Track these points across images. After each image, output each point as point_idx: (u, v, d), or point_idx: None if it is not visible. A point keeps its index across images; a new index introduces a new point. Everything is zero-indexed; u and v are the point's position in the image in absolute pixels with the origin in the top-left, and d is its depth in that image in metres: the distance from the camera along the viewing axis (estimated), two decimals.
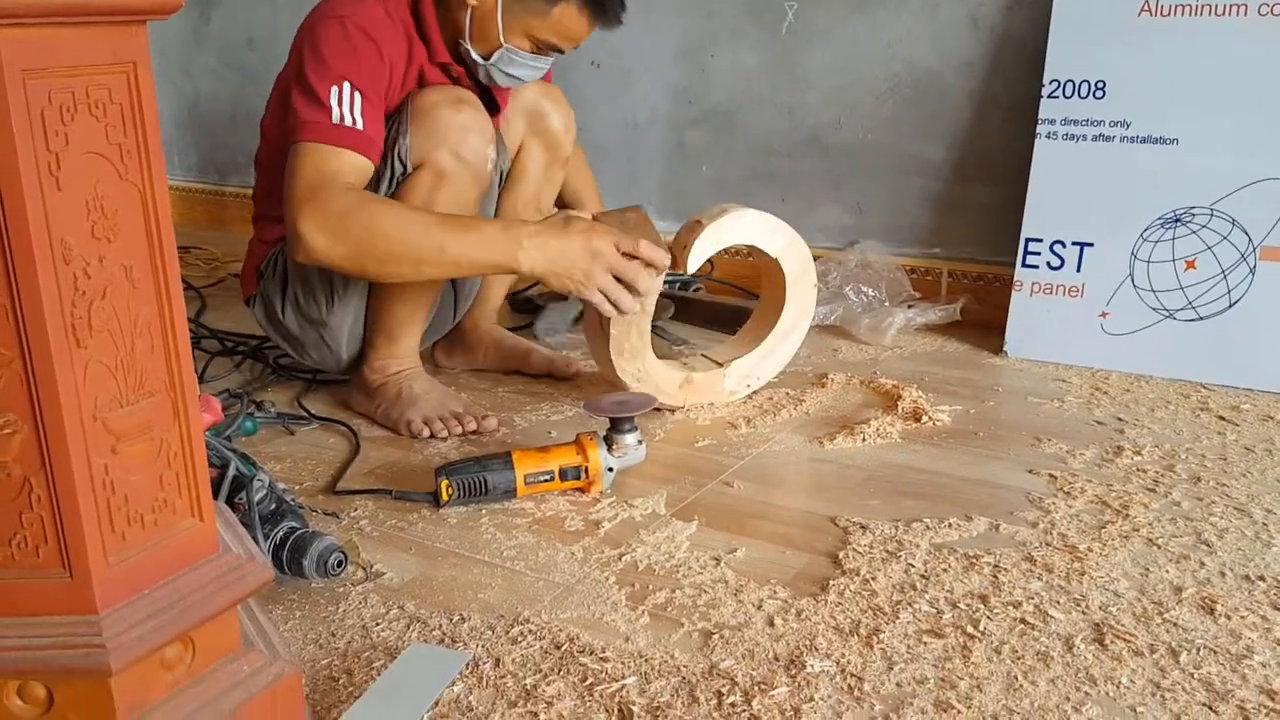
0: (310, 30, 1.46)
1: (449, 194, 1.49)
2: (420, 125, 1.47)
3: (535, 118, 1.71)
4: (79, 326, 0.65)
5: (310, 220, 1.36)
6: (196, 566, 0.75)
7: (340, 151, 1.40)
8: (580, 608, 1.08)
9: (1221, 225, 1.74)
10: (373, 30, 1.43)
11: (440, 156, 1.47)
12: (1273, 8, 1.70)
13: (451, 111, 1.48)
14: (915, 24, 2.07)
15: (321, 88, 1.40)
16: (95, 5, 0.61)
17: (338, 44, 1.42)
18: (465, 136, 1.48)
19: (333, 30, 1.43)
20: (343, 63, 1.41)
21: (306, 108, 1.40)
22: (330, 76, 1.40)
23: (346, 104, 1.39)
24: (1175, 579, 1.12)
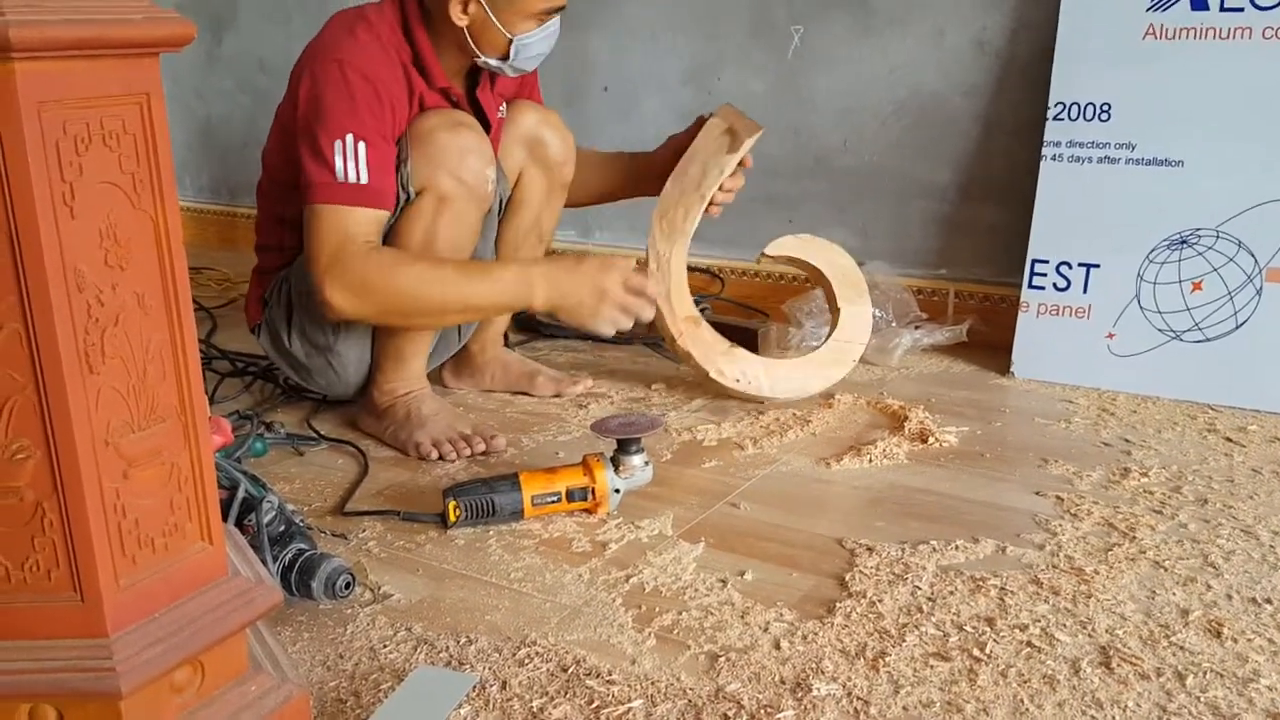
0: (308, 75, 1.47)
1: (451, 217, 1.51)
2: (420, 150, 1.49)
3: (535, 145, 1.72)
4: (92, 353, 0.66)
5: (334, 286, 1.43)
6: (206, 590, 0.76)
7: (351, 210, 1.43)
8: (587, 630, 1.09)
9: (1227, 247, 1.74)
10: (370, 71, 1.45)
11: (441, 180, 1.49)
12: (1277, 31, 1.71)
13: (450, 135, 1.50)
14: (920, 49, 2.08)
15: (325, 143, 1.42)
16: (110, 38, 0.62)
17: (337, 92, 1.44)
18: (465, 159, 1.50)
19: (331, 76, 1.44)
20: (343, 113, 1.43)
21: (314, 166, 1.43)
22: (333, 130, 1.43)
23: (351, 158, 1.42)
24: (1182, 602, 1.12)
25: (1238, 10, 1.73)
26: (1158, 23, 1.79)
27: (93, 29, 0.61)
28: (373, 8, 1.54)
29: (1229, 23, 1.74)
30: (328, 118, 1.43)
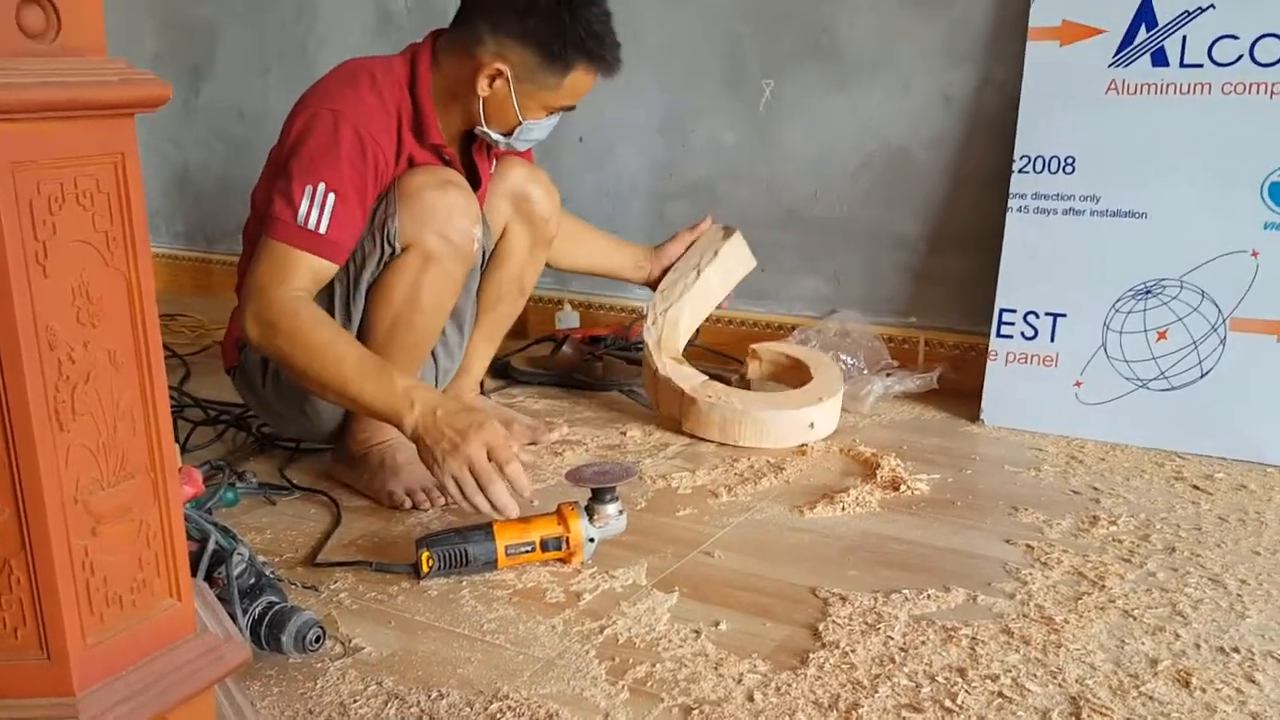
0: (302, 116, 1.48)
1: (436, 274, 1.52)
2: (408, 207, 1.50)
3: (521, 200, 1.74)
4: (62, 410, 0.66)
5: (250, 315, 1.43)
6: (174, 647, 0.75)
7: (298, 253, 1.44)
8: (560, 683, 1.08)
9: (1191, 297, 1.77)
10: (363, 127, 1.47)
11: (427, 238, 1.50)
12: (1235, 86, 1.76)
13: (438, 194, 1.51)
14: (889, 102, 2.12)
15: (297, 184, 1.43)
16: (85, 100, 0.63)
17: (324, 141, 1.45)
18: (452, 218, 1.51)
19: (323, 123, 1.46)
20: (324, 162, 1.44)
21: (280, 202, 1.44)
22: (309, 175, 1.44)
23: (318, 205, 1.43)
24: (1151, 651, 1.13)
25: (1197, 66, 1.78)
26: (1119, 78, 1.83)
27: (68, 91, 0.62)
28: (382, 63, 1.55)
29: (1189, 78, 1.79)
30: (307, 161, 1.44)
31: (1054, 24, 1.88)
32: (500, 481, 1.37)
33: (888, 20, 2.09)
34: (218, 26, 2.99)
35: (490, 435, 1.38)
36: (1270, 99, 1.73)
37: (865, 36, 2.12)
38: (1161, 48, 1.80)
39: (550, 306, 2.55)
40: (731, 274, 2.02)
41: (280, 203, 1.44)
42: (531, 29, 1.50)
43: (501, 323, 1.84)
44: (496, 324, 1.84)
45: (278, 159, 1.51)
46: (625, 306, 2.48)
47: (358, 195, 1.47)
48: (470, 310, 1.74)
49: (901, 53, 2.09)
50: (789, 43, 2.19)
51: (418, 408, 1.39)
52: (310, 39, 2.82)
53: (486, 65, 1.52)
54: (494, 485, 1.37)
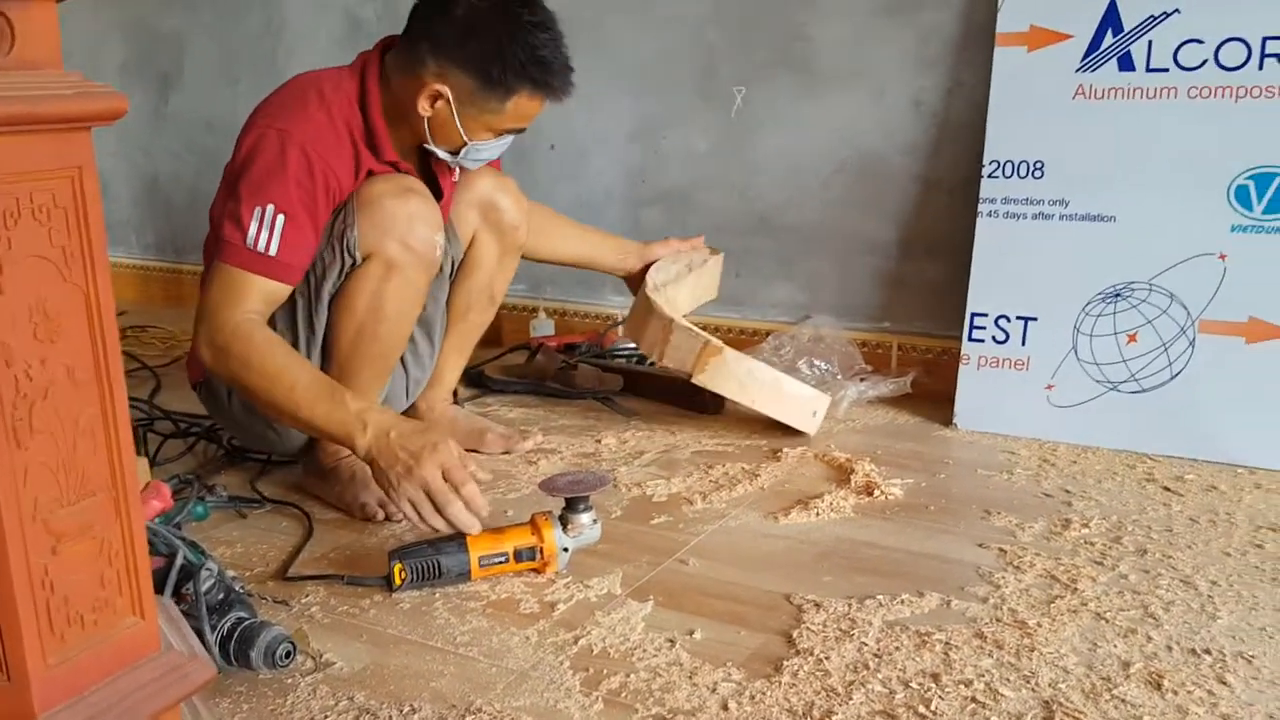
0: (251, 136, 1.46)
1: (399, 282, 1.50)
2: (367, 216, 1.48)
3: (488, 209, 1.73)
4: (20, 428, 0.65)
5: (203, 339, 1.43)
6: (138, 665, 0.74)
7: (249, 277, 1.42)
8: (533, 695, 1.08)
9: (1160, 300, 1.79)
10: (310, 147, 1.44)
11: (389, 246, 1.49)
12: (1201, 90, 1.77)
13: (398, 201, 1.49)
14: (860, 108, 2.13)
15: (246, 207, 1.42)
16: (41, 115, 0.62)
17: (271, 161, 1.43)
18: (413, 225, 1.50)
19: (269, 143, 1.44)
20: (273, 183, 1.42)
21: (229, 224, 1.43)
22: (257, 197, 1.42)
23: (267, 227, 1.42)
24: (1123, 654, 1.14)
25: (1163, 70, 1.80)
26: (1087, 83, 1.85)
27: (23, 105, 0.61)
28: (331, 78, 1.53)
29: (1155, 83, 1.81)
30: (256, 183, 1.43)
31: (1022, 29, 1.89)
32: (457, 501, 1.34)
33: (858, 27, 2.10)
34: (186, 37, 2.97)
35: (444, 456, 1.36)
36: (1235, 103, 1.75)
37: (836, 44, 2.13)
38: (1128, 52, 1.81)
39: (525, 314, 2.54)
40: (703, 293, 2.02)
41: (229, 226, 1.43)
42: (471, 53, 1.47)
43: (472, 332, 1.84)
44: (467, 333, 1.83)
45: (228, 178, 1.49)
46: (600, 314, 2.48)
47: (308, 214, 1.45)
48: (440, 320, 1.74)
49: (872, 59, 2.10)
50: (761, 50, 2.20)
51: (370, 430, 1.37)
52: (279, 49, 2.80)
53: (427, 86, 1.49)
54: (451, 506, 1.34)
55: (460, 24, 1.47)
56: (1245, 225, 1.74)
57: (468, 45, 1.47)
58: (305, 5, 2.74)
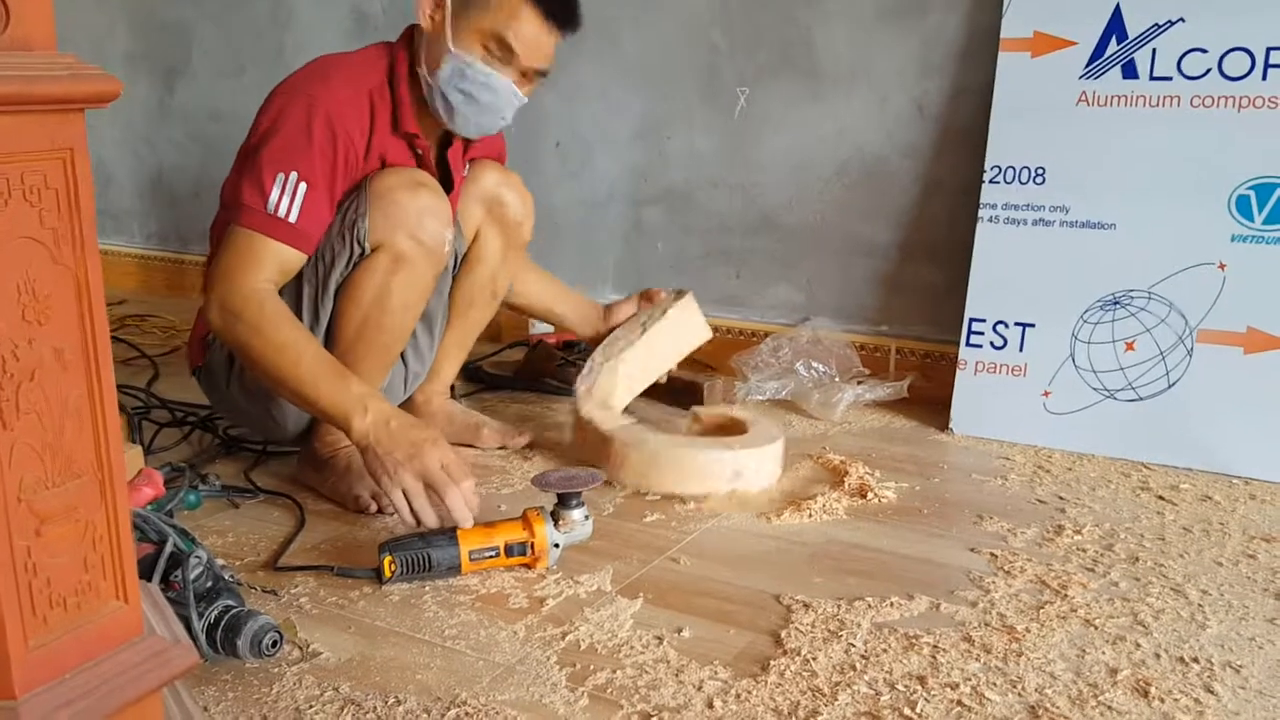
0: (275, 103, 1.47)
1: (406, 275, 1.50)
2: (378, 208, 1.48)
3: (494, 204, 1.73)
4: (6, 408, 0.65)
5: (215, 302, 1.42)
6: (120, 650, 0.74)
7: (268, 242, 1.42)
8: (519, 689, 1.08)
9: (1159, 308, 1.78)
10: (336, 117, 1.45)
11: (398, 239, 1.49)
12: (1204, 99, 1.77)
13: (409, 195, 1.49)
14: (863, 111, 2.13)
15: (268, 171, 1.42)
16: (32, 95, 0.62)
17: (296, 127, 1.43)
18: (423, 219, 1.50)
19: (296, 110, 1.44)
20: (296, 150, 1.43)
21: (248, 189, 1.42)
22: (279, 162, 1.42)
23: (289, 194, 1.41)
24: (1111, 661, 1.13)
25: (1166, 79, 1.79)
26: (1090, 90, 1.85)
27: (14, 85, 0.61)
28: (361, 55, 1.54)
29: (1158, 91, 1.80)
30: (278, 149, 1.43)
31: (1026, 35, 1.89)
32: (457, 491, 1.36)
33: (862, 31, 2.10)
34: (193, 28, 2.97)
35: (444, 452, 1.37)
36: (1238, 112, 1.75)
37: (840, 46, 2.13)
38: (1132, 60, 1.81)
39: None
40: (683, 340, 1.91)
41: (250, 190, 1.42)
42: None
43: (473, 328, 1.84)
44: (468, 329, 1.83)
45: (246, 149, 1.49)
46: None
47: (327, 186, 1.46)
48: (441, 314, 1.74)
49: (876, 63, 2.10)
50: (765, 52, 2.20)
51: (370, 415, 1.38)
52: (286, 40, 2.80)
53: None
54: (451, 492, 1.35)
55: None
56: (1245, 235, 1.74)
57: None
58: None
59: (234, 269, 1.41)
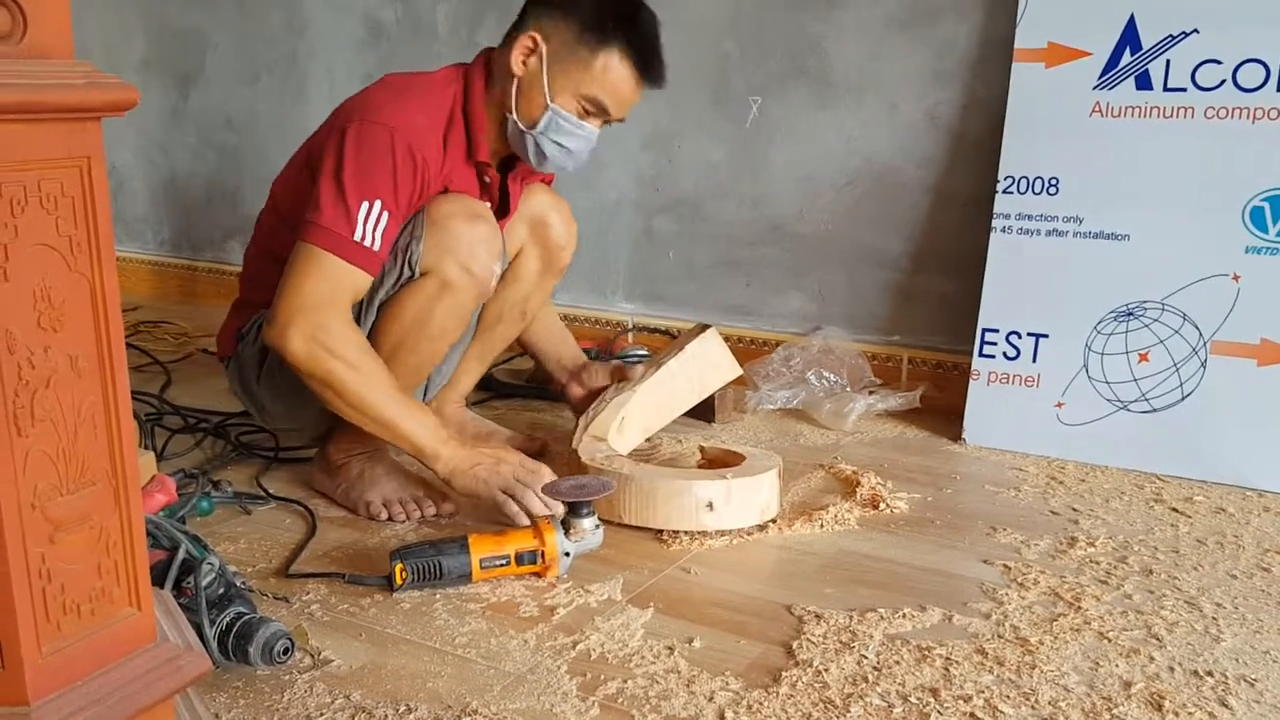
0: (354, 129, 1.44)
1: (450, 303, 1.51)
2: (434, 234, 1.48)
3: (539, 226, 1.73)
4: (21, 415, 0.65)
5: (299, 332, 1.41)
6: (133, 656, 0.74)
7: (353, 270, 1.42)
8: (530, 698, 1.07)
9: (1173, 319, 1.78)
10: (415, 146, 1.45)
11: (448, 267, 1.49)
12: (1218, 110, 1.76)
13: (466, 225, 1.50)
14: (875, 121, 2.13)
15: (354, 198, 1.41)
16: (50, 103, 0.63)
17: (381, 158, 1.43)
18: (475, 250, 1.50)
19: (379, 140, 1.43)
20: (381, 180, 1.43)
21: (333, 212, 1.41)
22: (366, 191, 1.42)
23: (373, 223, 1.42)
24: (1125, 674, 1.13)
25: (1180, 90, 1.79)
26: (1104, 100, 1.84)
27: (33, 94, 0.61)
28: (435, 80, 1.54)
29: (1172, 102, 1.80)
30: (365, 177, 1.43)
31: (1039, 46, 1.89)
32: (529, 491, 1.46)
33: (874, 40, 2.10)
34: (208, 35, 2.98)
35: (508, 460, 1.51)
36: (1252, 124, 1.74)
37: (852, 56, 2.13)
38: (1146, 71, 1.81)
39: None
40: (706, 376, 1.86)
41: (336, 216, 1.41)
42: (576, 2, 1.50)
43: (497, 343, 1.83)
44: (492, 343, 1.82)
45: (319, 163, 1.46)
46: (609, 320, 2.48)
47: (403, 214, 1.47)
48: (470, 327, 1.73)
49: (887, 73, 2.10)
50: (776, 62, 2.20)
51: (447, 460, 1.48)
52: (300, 48, 2.82)
53: (523, 39, 1.50)
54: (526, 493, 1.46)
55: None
56: (1260, 247, 1.73)
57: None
58: (327, 5, 2.75)
59: (323, 301, 1.41)
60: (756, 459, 1.60)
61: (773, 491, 1.54)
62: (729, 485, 1.49)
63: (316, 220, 1.42)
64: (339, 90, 2.76)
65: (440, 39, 2.56)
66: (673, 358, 1.83)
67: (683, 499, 1.49)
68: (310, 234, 1.42)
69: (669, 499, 1.50)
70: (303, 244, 1.42)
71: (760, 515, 1.52)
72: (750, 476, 1.51)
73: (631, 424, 1.77)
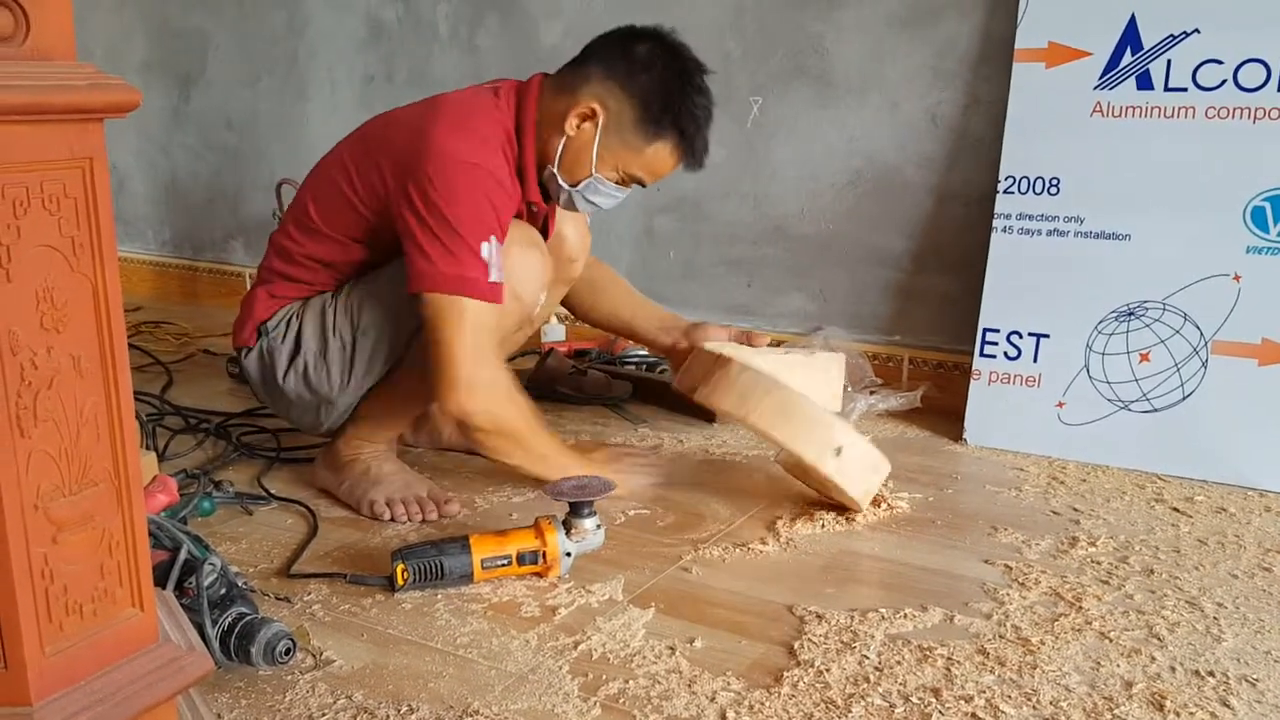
0: (441, 171, 1.42)
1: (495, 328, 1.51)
2: None
3: (553, 238, 1.73)
4: (24, 416, 0.65)
5: (479, 397, 1.45)
6: (135, 657, 0.75)
7: (495, 309, 1.44)
8: (531, 698, 1.08)
9: (1174, 319, 1.78)
10: (503, 178, 1.47)
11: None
12: (1219, 110, 1.76)
13: (524, 252, 1.51)
14: (876, 120, 2.13)
15: (474, 240, 1.41)
16: (52, 105, 0.63)
17: (482, 195, 1.43)
18: (527, 279, 1.52)
19: (473, 179, 1.43)
20: (490, 216, 1.44)
21: (458, 259, 1.40)
22: (482, 230, 1.42)
23: (496, 258, 1.43)
24: (1126, 674, 1.13)
25: (1181, 90, 1.79)
26: (1105, 100, 1.84)
27: (35, 95, 0.61)
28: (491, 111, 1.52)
29: (1173, 102, 1.80)
30: (477, 218, 1.42)
31: (1040, 46, 1.89)
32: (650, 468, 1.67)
33: (875, 40, 2.10)
34: (209, 35, 2.99)
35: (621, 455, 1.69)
36: (1253, 124, 1.74)
37: (853, 56, 2.13)
38: (1146, 71, 1.81)
39: None
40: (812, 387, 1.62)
41: (463, 262, 1.41)
42: (640, 84, 1.50)
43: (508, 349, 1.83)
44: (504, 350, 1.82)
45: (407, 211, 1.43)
46: None
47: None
48: None
49: (889, 72, 2.10)
50: (777, 61, 2.20)
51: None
52: (301, 48, 2.82)
53: (582, 103, 1.50)
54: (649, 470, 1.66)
55: (639, 60, 1.51)
56: (1261, 247, 1.73)
57: (638, 77, 1.50)
58: (327, 5, 2.76)
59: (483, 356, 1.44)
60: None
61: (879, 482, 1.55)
62: (864, 445, 1.49)
63: (445, 270, 1.41)
64: (340, 90, 2.76)
65: (441, 39, 2.56)
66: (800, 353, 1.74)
67: (818, 431, 1.47)
68: (445, 284, 1.41)
69: (808, 422, 1.47)
70: (450, 298, 1.41)
71: (863, 495, 1.52)
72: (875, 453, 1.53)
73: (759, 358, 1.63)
